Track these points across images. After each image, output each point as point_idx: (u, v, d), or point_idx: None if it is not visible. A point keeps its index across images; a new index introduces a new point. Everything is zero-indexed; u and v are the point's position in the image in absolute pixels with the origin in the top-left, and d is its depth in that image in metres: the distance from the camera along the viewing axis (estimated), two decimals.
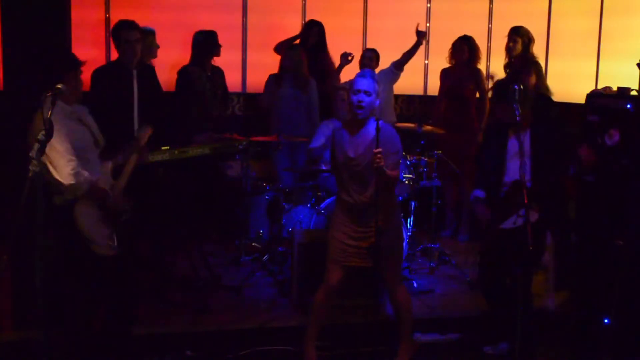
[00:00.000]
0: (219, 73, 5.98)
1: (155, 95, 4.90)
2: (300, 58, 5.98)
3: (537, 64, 5.86)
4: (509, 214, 4.10)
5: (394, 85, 6.59)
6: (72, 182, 3.43)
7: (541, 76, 5.75)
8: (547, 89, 5.68)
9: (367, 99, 3.79)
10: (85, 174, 3.48)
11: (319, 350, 4.13)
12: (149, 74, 4.87)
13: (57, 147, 3.40)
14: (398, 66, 6.36)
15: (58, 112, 3.45)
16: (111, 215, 3.65)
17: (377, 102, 3.87)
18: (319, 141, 5.57)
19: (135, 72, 4.66)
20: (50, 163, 3.42)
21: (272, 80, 6.14)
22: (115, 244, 3.65)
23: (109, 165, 3.76)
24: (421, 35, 6.28)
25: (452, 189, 6.54)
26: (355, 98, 3.80)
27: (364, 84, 3.80)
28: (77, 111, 3.63)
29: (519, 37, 6.05)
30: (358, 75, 3.88)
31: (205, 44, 5.77)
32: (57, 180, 3.43)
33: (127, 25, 4.62)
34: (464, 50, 6.33)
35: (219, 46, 5.82)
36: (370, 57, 6.31)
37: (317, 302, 4.03)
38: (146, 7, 6.71)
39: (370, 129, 3.84)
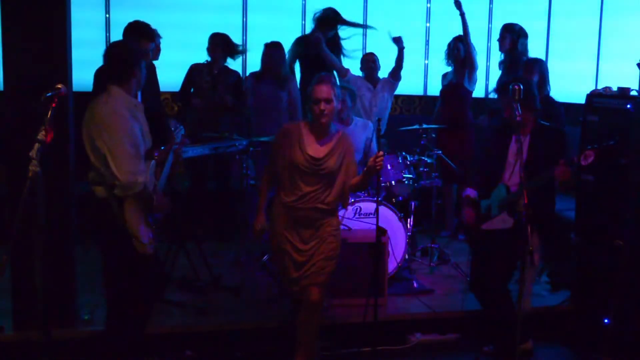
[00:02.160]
0: (228, 74, 6.06)
1: (155, 96, 4.90)
2: (280, 55, 5.99)
3: (540, 62, 5.82)
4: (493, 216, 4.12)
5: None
6: (129, 181, 3.38)
7: (545, 74, 5.68)
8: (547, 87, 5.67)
9: (328, 106, 3.75)
10: (142, 177, 3.43)
11: (320, 350, 4.13)
12: (150, 73, 4.87)
13: (122, 141, 3.37)
14: (394, 76, 6.34)
15: (122, 104, 3.45)
16: (151, 215, 3.65)
17: (339, 105, 3.89)
18: None
19: None
20: (111, 155, 3.36)
21: (252, 78, 6.14)
22: (154, 243, 3.64)
23: (153, 164, 3.73)
24: (398, 42, 6.26)
25: (452, 189, 6.54)
26: (316, 108, 3.75)
27: (323, 92, 3.75)
28: (134, 106, 3.56)
29: (508, 33, 6.08)
30: (315, 82, 3.79)
31: (210, 45, 5.97)
32: (112, 173, 3.37)
33: (148, 35, 4.59)
34: (460, 49, 6.34)
35: (234, 46, 6.03)
36: (374, 59, 6.31)
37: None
38: (146, 7, 6.71)
39: (333, 132, 3.87)
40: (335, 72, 6.14)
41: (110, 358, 3.66)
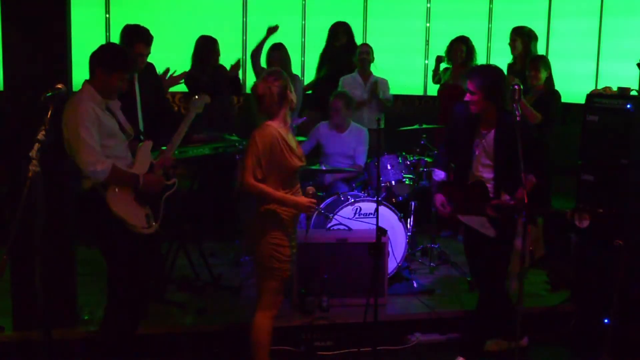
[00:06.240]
0: (219, 73, 6.03)
1: (157, 94, 4.90)
2: (284, 56, 6.01)
3: (544, 58, 5.82)
4: (470, 211, 4.04)
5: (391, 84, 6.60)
6: (89, 170, 3.44)
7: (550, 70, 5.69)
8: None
9: None
10: (104, 164, 3.44)
11: (319, 350, 4.12)
12: (150, 72, 4.87)
13: (80, 134, 3.41)
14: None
15: (87, 98, 3.52)
16: (147, 195, 3.67)
17: None
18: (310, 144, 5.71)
19: (136, 73, 4.65)
20: (73, 149, 3.45)
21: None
22: (152, 222, 3.69)
23: (149, 144, 3.79)
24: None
25: None
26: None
27: None
28: (101, 102, 3.62)
29: (518, 36, 6.07)
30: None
31: (202, 48, 5.89)
32: (77, 165, 3.47)
33: (145, 40, 4.59)
34: (462, 50, 6.34)
35: (216, 53, 5.93)
36: (367, 51, 6.32)
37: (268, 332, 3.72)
38: (146, 7, 6.72)
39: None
40: None
41: (105, 353, 3.66)
